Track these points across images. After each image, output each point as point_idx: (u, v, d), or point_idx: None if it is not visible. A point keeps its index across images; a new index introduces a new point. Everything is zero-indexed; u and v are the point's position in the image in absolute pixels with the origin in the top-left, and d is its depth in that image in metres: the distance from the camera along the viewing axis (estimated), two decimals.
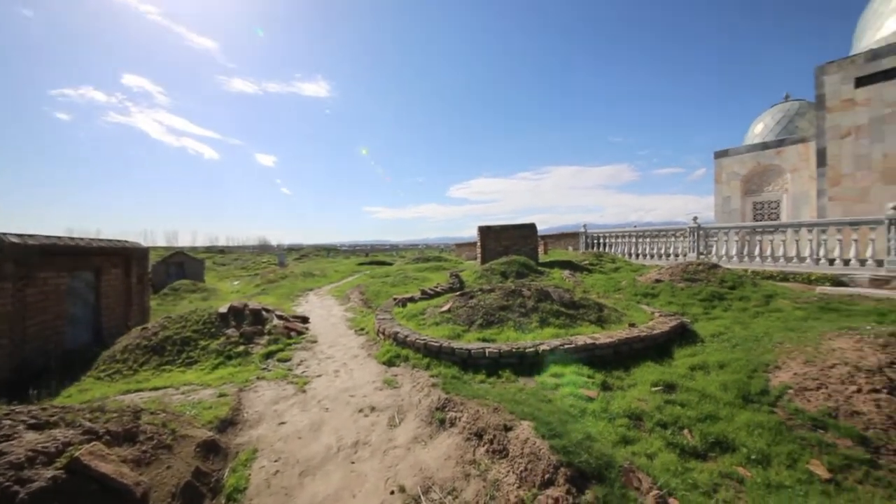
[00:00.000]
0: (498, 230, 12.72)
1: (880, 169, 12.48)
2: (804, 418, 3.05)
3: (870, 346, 3.54)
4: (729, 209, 17.32)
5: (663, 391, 3.63)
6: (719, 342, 4.90)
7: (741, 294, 6.87)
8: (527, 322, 5.55)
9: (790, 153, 15.85)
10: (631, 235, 13.17)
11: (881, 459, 2.68)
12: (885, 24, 13.86)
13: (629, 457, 2.66)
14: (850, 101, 13.13)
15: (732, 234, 10.79)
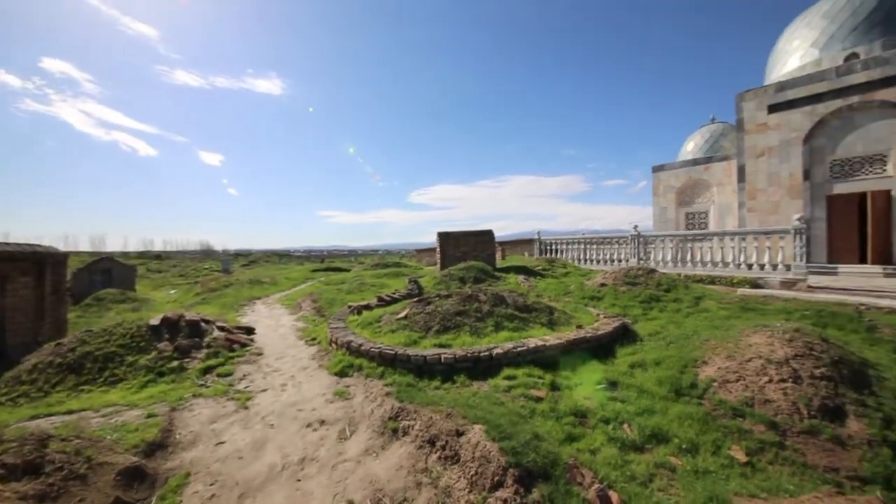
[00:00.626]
0: (457, 236, 12.87)
1: (787, 185, 14.35)
2: (726, 408, 3.38)
3: (779, 341, 4.01)
4: (665, 219, 18.95)
5: (606, 388, 3.85)
6: (656, 341, 5.31)
7: (675, 296, 7.52)
8: (482, 326, 5.64)
9: (716, 169, 17.72)
10: (580, 242, 13.95)
11: (787, 441, 3.04)
12: (789, 60, 16.08)
13: (574, 453, 2.78)
14: (764, 126, 15.00)
15: (668, 242, 11.80)
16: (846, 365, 3.71)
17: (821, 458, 2.87)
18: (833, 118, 13.47)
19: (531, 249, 17.71)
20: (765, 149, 14.90)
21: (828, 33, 14.78)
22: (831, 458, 2.87)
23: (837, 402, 3.26)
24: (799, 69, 15.32)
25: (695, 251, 11.18)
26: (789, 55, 16.10)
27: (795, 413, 3.17)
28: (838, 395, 3.31)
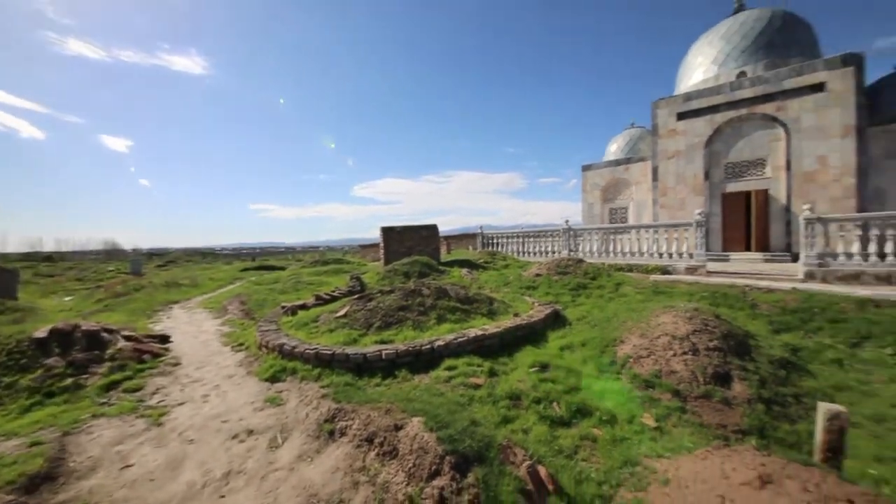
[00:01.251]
0: (401, 231, 12.72)
1: (692, 184, 16.39)
2: (639, 381, 3.78)
3: (682, 320, 4.58)
4: (592, 214, 20.62)
5: (539, 371, 4.09)
6: (583, 324, 5.77)
7: (599, 283, 8.23)
8: (425, 320, 5.66)
9: (635, 169, 19.64)
10: (518, 236, 14.63)
11: (688, 405, 3.49)
12: (694, 74, 18.27)
13: (508, 434, 2.91)
14: (674, 131, 16.91)
15: (595, 235, 12.85)
16: (733, 337, 4.36)
17: (713, 417, 3.35)
18: (727, 127, 15.65)
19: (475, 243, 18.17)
20: (674, 152, 16.86)
21: (724, 52, 17.06)
22: (721, 417, 3.36)
23: (726, 369, 3.82)
24: (702, 82, 17.51)
25: (617, 243, 12.32)
26: (694, 69, 18.31)
27: (694, 381, 3.66)
28: (727, 363, 3.87)
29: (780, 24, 16.12)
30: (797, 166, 13.96)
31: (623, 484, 2.27)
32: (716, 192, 15.94)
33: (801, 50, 15.70)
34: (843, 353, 4.79)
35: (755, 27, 16.51)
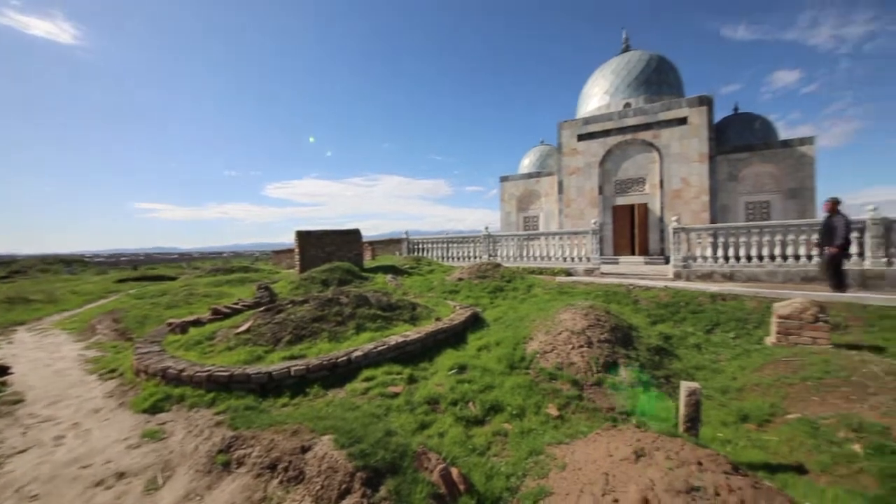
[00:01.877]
0: (320, 235, 12.01)
1: (589, 197, 18.62)
2: (545, 374, 4.10)
3: (579, 316, 5.12)
4: (510, 221, 22.13)
5: (457, 373, 4.18)
6: (499, 325, 6.08)
7: (514, 286, 8.81)
8: (343, 331, 5.39)
9: (544, 182, 21.61)
10: (443, 241, 14.97)
11: (584, 393, 3.89)
12: (591, 101, 20.85)
13: (424, 440, 2.90)
14: (575, 150, 19.05)
15: (511, 241, 13.78)
16: (620, 330, 5.01)
17: (605, 401, 3.79)
18: (616, 149, 18.18)
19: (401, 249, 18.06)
20: (575, 168, 19.01)
21: (614, 85, 19.83)
22: (611, 401, 3.81)
23: (614, 358, 4.35)
24: (597, 109, 20.09)
25: (530, 248, 13.38)
26: (591, 97, 20.94)
27: (589, 371, 4.10)
28: (615, 353, 4.43)
29: (656, 66, 19.35)
30: (668, 185, 16.81)
31: (528, 473, 2.42)
32: (608, 205, 18.36)
33: (671, 88, 19.06)
34: (701, 339, 5.85)
35: (637, 66, 19.55)
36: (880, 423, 2.91)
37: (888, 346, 4.98)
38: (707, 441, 3.26)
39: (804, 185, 15.44)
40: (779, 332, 5.07)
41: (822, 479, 2.69)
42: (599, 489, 1.79)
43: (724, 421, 3.53)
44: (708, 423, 3.54)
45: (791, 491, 2.60)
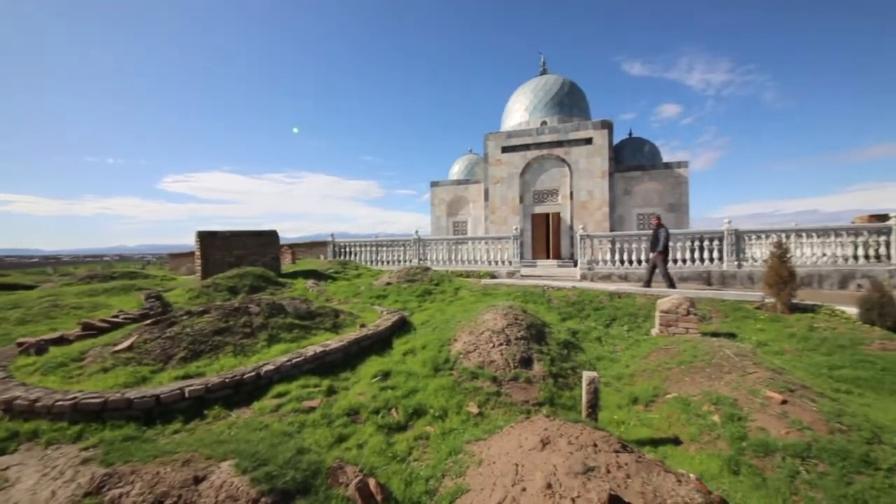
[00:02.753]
0: (228, 237, 10.77)
1: (512, 206, 19.88)
2: (467, 374, 4.21)
3: (500, 316, 5.38)
4: (440, 226, 22.54)
5: (381, 380, 4.07)
6: (426, 328, 6.09)
7: (442, 289, 8.95)
8: (251, 343, 4.88)
9: (472, 189, 22.50)
10: (372, 245, 14.58)
11: (502, 389, 4.07)
12: (514, 116, 22.35)
13: (341, 454, 2.75)
14: (499, 161, 20.20)
15: (441, 245, 14.02)
16: (535, 327, 5.38)
17: (520, 395, 4.02)
18: (535, 162, 19.75)
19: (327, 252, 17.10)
20: (500, 178, 20.17)
21: (533, 104, 21.55)
22: (526, 394, 4.05)
23: (529, 353, 4.66)
24: (518, 124, 21.62)
25: (458, 252, 13.77)
26: (514, 112, 22.47)
27: (507, 367, 4.33)
28: (530, 349, 4.74)
29: (568, 90, 21.54)
30: (577, 197, 18.77)
31: (447, 474, 2.44)
32: (528, 213, 19.83)
33: (580, 111, 21.38)
34: (601, 332, 6.58)
35: (553, 88, 21.54)
36: (731, 396, 3.57)
37: (739, 333, 6.18)
38: (605, 423, 3.65)
39: (681, 200, 18.52)
40: (661, 324, 5.95)
41: (692, 448, 3.20)
42: (510, 480, 1.88)
43: (619, 404, 4.00)
44: (606, 407, 3.97)
45: (669, 461, 3.03)
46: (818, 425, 3.10)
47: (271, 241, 11.30)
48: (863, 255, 9.58)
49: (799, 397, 3.49)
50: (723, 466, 2.82)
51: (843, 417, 3.26)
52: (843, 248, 9.75)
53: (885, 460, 2.79)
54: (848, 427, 3.11)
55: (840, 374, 4.71)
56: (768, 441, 2.95)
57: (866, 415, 3.48)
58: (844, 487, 2.59)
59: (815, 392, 3.77)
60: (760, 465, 2.80)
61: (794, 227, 10.28)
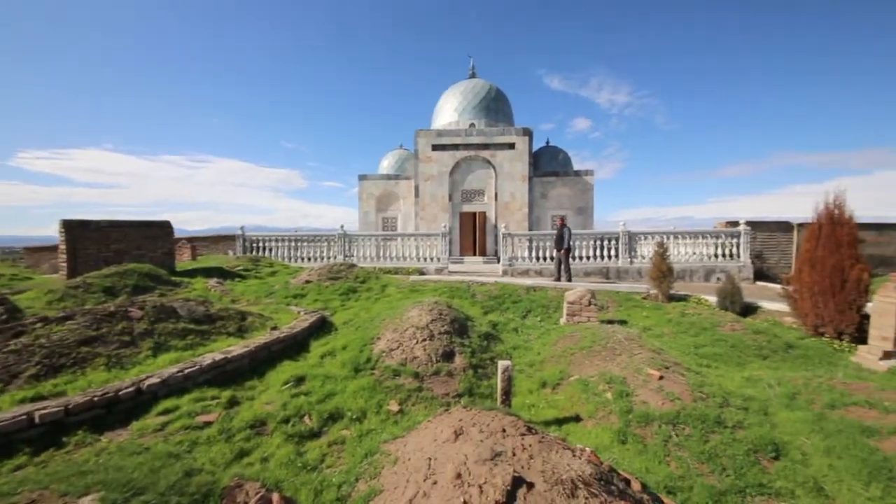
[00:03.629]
0: (104, 228, 9.00)
1: (441, 203, 20.16)
2: (389, 372, 4.14)
3: (424, 312, 5.39)
4: (368, 221, 21.86)
5: (293, 386, 3.77)
6: (349, 327, 5.84)
7: (368, 286, 8.68)
8: (132, 353, 4.15)
9: (402, 185, 22.25)
10: (290, 239, 13.49)
11: (424, 384, 4.09)
12: (444, 115, 22.62)
13: (242, 470, 2.47)
14: (430, 158, 20.29)
15: (370, 241, 13.60)
16: (458, 322, 5.52)
17: (442, 389, 4.08)
18: (463, 162, 20.28)
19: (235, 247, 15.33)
20: (430, 175, 20.29)
21: (462, 105, 22.06)
22: (447, 387, 4.13)
23: (452, 347, 4.76)
24: (448, 124, 21.96)
25: (388, 248, 13.52)
26: (444, 112, 22.75)
27: (429, 362, 4.36)
28: (452, 343, 4.84)
29: (495, 95, 22.50)
30: (501, 198, 19.79)
31: (361, 477, 2.35)
32: (456, 211, 20.32)
33: (505, 117, 22.51)
34: (518, 323, 7.03)
35: (480, 92, 22.32)
36: (621, 375, 4.08)
37: (629, 319, 7.11)
38: (518, 408, 3.89)
39: (587, 204, 20.68)
40: (568, 314, 6.57)
41: (590, 423, 3.58)
42: (422, 475, 1.87)
43: (531, 389, 4.30)
44: (520, 392, 4.24)
45: (571, 437, 3.34)
46: (686, 396, 3.71)
47: (163, 233, 9.75)
48: (721, 254, 11.79)
49: (672, 373, 4.14)
50: (613, 438, 3.21)
51: (704, 387, 3.94)
52: (707, 248, 11.87)
53: (731, 419, 3.45)
54: (707, 395, 3.78)
55: (703, 352, 5.71)
56: (649, 412, 3.43)
57: (720, 384, 4.27)
58: (703, 445, 3.13)
59: (684, 367, 4.51)
60: (642, 434, 3.25)
61: (673, 230, 12.21)
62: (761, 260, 12.76)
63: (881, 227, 14.48)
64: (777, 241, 13.13)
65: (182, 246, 15.50)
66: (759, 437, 3.21)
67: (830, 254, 6.41)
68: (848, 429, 3.28)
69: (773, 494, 2.72)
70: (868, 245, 13.84)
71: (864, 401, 3.67)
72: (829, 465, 2.99)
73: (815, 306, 6.40)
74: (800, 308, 6.66)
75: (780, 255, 13.07)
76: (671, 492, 2.59)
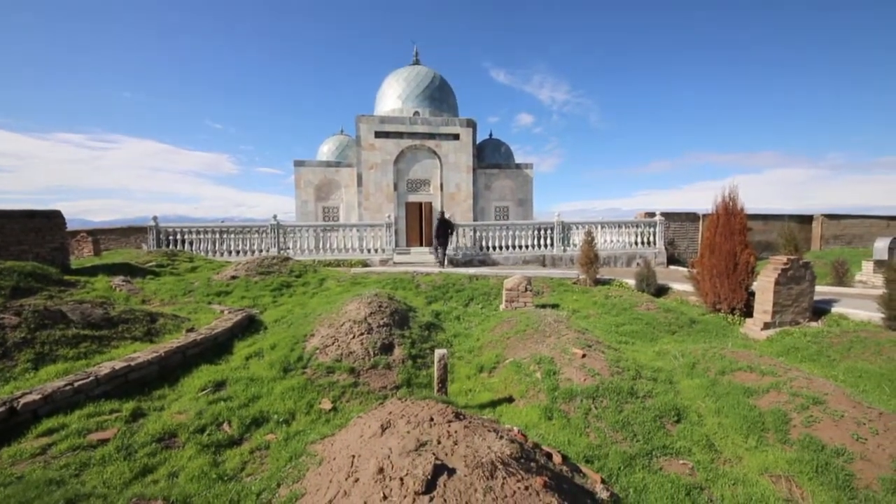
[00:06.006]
0: None
1: (386, 193, 19.70)
2: (323, 369, 3.96)
3: (363, 305, 5.24)
4: (307, 211, 20.67)
5: (211, 392, 3.45)
6: (280, 325, 5.49)
7: (305, 280, 8.23)
8: (5, 367, 3.49)
9: (344, 173, 21.31)
10: (214, 231, 12.26)
11: (360, 379, 3.98)
12: (387, 102, 21.93)
13: (143, 490, 2.19)
14: (373, 146, 19.63)
15: (308, 232, 12.85)
16: (399, 313, 5.45)
17: (378, 382, 4.00)
18: (408, 151, 19.94)
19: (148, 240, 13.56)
20: (374, 164, 19.68)
21: (406, 92, 21.55)
22: (384, 380, 4.06)
23: (391, 339, 4.69)
24: (392, 111, 21.37)
25: (328, 240, 12.91)
26: (387, 98, 22.06)
27: (367, 356, 4.25)
28: (392, 335, 4.77)
29: (439, 84, 22.30)
30: (447, 188, 19.87)
31: (283, 481, 2.21)
32: (402, 201, 20.02)
33: (449, 107, 22.45)
34: (461, 311, 7.15)
35: (424, 80, 21.97)
36: (550, 355, 4.34)
37: (561, 303, 7.59)
38: (456, 394, 3.96)
39: (527, 196, 21.59)
40: (507, 301, 6.83)
41: (522, 403, 3.75)
42: (344, 474, 1.80)
43: (469, 374, 4.40)
44: (458, 378, 4.32)
45: (504, 418, 3.48)
46: (604, 371, 4.05)
47: (51, 224, 8.28)
48: (641, 241, 13.04)
49: (594, 351, 4.49)
50: (541, 415, 3.40)
51: (620, 362, 4.33)
52: (629, 236, 13.06)
53: (642, 390, 3.83)
54: (623, 369, 4.16)
55: (623, 329, 6.28)
56: (572, 388, 3.69)
57: (635, 358, 4.73)
58: (618, 415, 3.44)
59: (605, 345, 4.92)
60: (566, 409, 3.49)
61: (601, 220, 13.23)
62: (673, 246, 14.39)
63: (766, 217, 17.13)
64: (686, 230, 14.88)
65: (81, 240, 13.40)
66: (664, 404, 3.61)
67: (726, 240, 7.39)
68: (734, 391, 3.82)
69: (675, 454, 3.08)
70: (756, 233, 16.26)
71: (747, 366, 4.30)
72: (718, 424, 3.46)
73: (714, 286, 7.36)
74: (701, 288, 7.61)
75: (689, 242, 14.85)
76: (589, 460, 2.81)
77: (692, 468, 2.89)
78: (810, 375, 3.97)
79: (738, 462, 2.99)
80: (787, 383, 3.68)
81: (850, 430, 2.96)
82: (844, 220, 17.89)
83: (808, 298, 6.55)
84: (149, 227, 11.87)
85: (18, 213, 8.08)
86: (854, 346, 5.09)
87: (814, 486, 2.60)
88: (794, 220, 17.39)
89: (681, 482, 2.65)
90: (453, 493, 1.52)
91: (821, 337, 5.62)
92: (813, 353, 5.25)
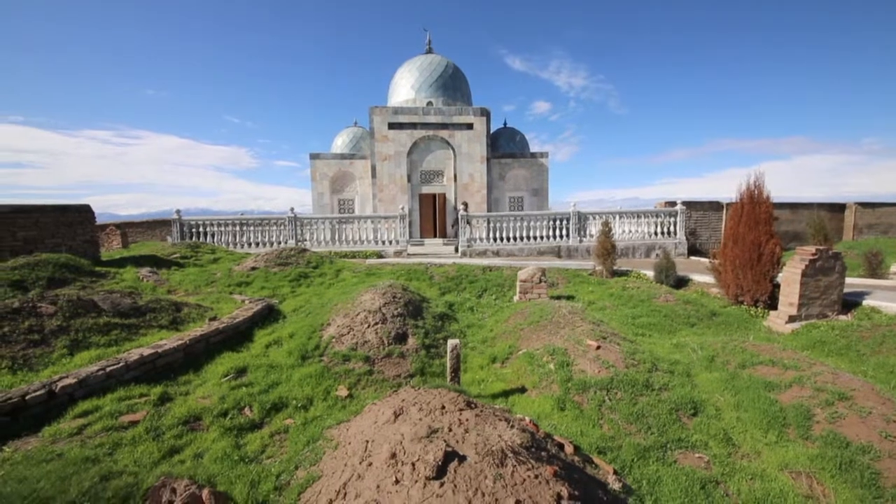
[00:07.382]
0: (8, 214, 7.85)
1: (400, 184, 19.73)
2: (339, 357, 4.06)
3: (378, 295, 5.32)
4: (322, 203, 20.95)
5: (234, 378, 3.59)
6: (298, 315, 5.63)
7: (321, 271, 8.39)
8: (43, 353, 3.71)
9: (358, 165, 21.44)
10: (234, 224, 12.61)
11: (375, 367, 4.06)
12: (400, 92, 21.82)
13: (171, 468, 2.32)
14: (386, 137, 19.63)
15: (324, 224, 13.06)
16: (413, 304, 5.51)
17: (393, 370, 4.08)
18: (422, 142, 19.86)
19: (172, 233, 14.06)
20: (387, 155, 19.71)
21: (419, 82, 21.38)
22: (399, 369, 4.14)
23: (405, 329, 4.75)
24: (405, 101, 21.26)
25: (344, 232, 13.09)
26: (400, 88, 21.94)
27: (381, 345, 4.33)
28: (406, 325, 4.83)
29: (452, 73, 22.00)
30: (460, 179, 19.74)
31: (301, 464, 2.31)
32: (416, 192, 20.03)
33: (463, 96, 22.17)
34: (474, 302, 7.17)
35: (438, 69, 21.72)
36: (563, 346, 4.31)
37: (576, 295, 7.50)
38: (468, 383, 4.00)
39: (542, 186, 21.25)
40: (521, 292, 6.80)
41: (534, 393, 3.76)
42: (359, 458, 1.86)
43: (482, 364, 4.43)
44: (471, 368, 4.36)
45: (516, 408, 3.50)
46: (619, 363, 4.00)
47: (82, 218, 8.68)
48: (660, 231, 12.70)
49: (609, 342, 4.44)
50: (553, 406, 3.40)
51: (636, 355, 4.27)
52: (648, 226, 12.72)
53: (657, 382, 3.78)
54: (638, 362, 4.10)
55: (640, 322, 6.18)
56: (586, 380, 3.67)
57: (651, 351, 4.65)
58: (632, 407, 3.41)
59: (620, 337, 4.86)
60: (579, 400, 3.48)
61: (619, 210, 12.92)
62: (695, 237, 13.95)
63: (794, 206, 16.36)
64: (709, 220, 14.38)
65: (110, 233, 14.00)
66: (680, 397, 3.55)
67: (750, 230, 7.12)
68: (754, 385, 3.72)
69: (690, 447, 3.04)
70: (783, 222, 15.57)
71: (769, 360, 4.17)
72: (737, 418, 3.39)
73: (736, 277, 7.12)
74: (723, 279, 7.38)
75: (711, 232, 14.36)
76: (602, 452, 2.81)
77: (708, 462, 2.84)
78: (836, 370, 3.83)
79: (757, 457, 2.93)
80: (811, 378, 3.56)
81: (878, 427, 2.85)
82: (880, 208, 16.90)
83: (838, 291, 6.27)
84: (172, 220, 12.30)
85: (52, 207, 8.50)
86: (886, 341, 4.87)
87: (836, 484, 2.53)
88: (825, 208, 16.55)
89: (696, 475, 2.62)
90: (463, 479, 1.55)
91: (850, 331, 5.38)
92: (841, 347, 5.04)
